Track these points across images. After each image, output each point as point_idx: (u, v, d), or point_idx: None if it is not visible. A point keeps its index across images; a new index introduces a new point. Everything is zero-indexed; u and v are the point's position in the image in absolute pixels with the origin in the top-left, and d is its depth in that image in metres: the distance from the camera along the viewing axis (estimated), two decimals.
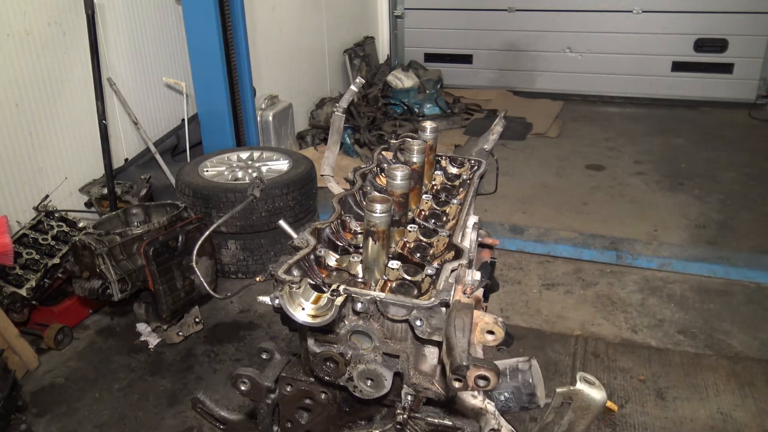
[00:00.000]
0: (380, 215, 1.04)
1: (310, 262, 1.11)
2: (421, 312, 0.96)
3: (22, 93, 3.18)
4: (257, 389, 1.17)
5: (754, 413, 2.51)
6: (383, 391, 1.02)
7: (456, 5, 6.98)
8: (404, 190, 1.16)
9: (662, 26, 6.43)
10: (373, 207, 1.03)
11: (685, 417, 2.51)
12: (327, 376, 1.05)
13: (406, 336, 0.99)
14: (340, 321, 1.02)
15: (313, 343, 1.05)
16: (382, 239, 1.06)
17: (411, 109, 6.22)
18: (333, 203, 1.28)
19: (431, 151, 1.42)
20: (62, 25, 3.36)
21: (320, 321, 0.96)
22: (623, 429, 2.46)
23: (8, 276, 2.88)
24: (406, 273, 1.09)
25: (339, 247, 1.21)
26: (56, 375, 2.84)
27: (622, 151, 5.45)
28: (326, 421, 1.14)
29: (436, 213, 1.32)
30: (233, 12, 3.99)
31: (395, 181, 1.14)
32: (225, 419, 1.27)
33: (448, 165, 1.54)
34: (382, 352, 1.02)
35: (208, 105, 4.11)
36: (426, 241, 1.20)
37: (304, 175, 3.57)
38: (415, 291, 1.05)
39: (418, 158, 1.31)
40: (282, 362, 1.21)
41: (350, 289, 0.99)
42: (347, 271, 1.12)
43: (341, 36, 6.33)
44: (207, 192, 3.37)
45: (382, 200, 1.04)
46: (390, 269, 1.08)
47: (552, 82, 6.98)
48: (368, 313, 1.00)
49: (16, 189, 3.20)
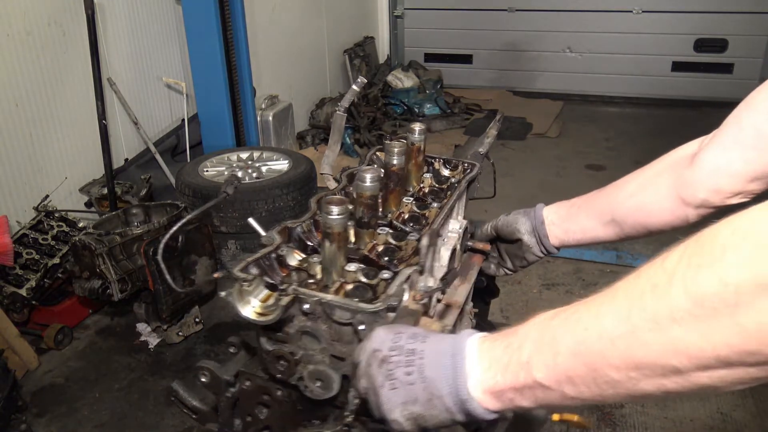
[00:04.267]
0: (336, 217, 1.02)
1: (271, 261, 1.10)
2: (364, 316, 0.94)
3: (22, 93, 3.18)
4: (217, 382, 1.19)
5: (754, 413, 2.51)
6: (332, 393, 1.02)
7: (456, 5, 6.97)
8: (373, 192, 1.14)
9: (662, 26, 6.43)
10: (329, 209, 1.01)
11: (685, 417, 2.51)
12: (279, 374, 1.05)
13: (353, 339, 0.98)
14: (290, 321, 1.02)
15: (266, 341, 1.05)
16: (338, 241, 1.04)
17: (411, 109, 6.22)
18: (310, 202, 1.27)
19: (419, 153, 1.40)
20: (62, 25, 3.36)
21: (265, 320, 0.98)
22: (623, 429, 2.46)
23: (8, 276, 2.88)
24: (366, 276, 1.07)
25: (309, 246, 1.21)
26: (56, 375, 2.84)
27: (622, 151, 5.45)
28: (283, 418, 1.14)
29: (415, 216, 1.29)
30: (233, 12, 3.99)
31: (364, 183, 1.12)
32: (197, 409, 1.28)
33: (442, 167, 1.52)
34: (330, 354, 1.01)
35: (208, 105, 4.11)
36: (396, 244, 1.18)
37: (304, 175, 3.57)
38: (370, 294, 1.04)
39: (397, 160, 1.28)
40: (244, 357, 1.21)
41: (299, 290, 0.99)
42: (307, 271, 1.11)
43: (341, 36, 6.33)
44: (207, 192, 3.37)
45: (339, 202, 1.02)
46: (347, 271, 1.06)
47: (552, 82, 6.98)
48: (315, 315, 0.99)
49: (16, 189, 3.20)
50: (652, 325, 0.60)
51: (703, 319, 0.56)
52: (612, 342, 0.64)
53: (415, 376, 0.77)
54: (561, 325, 0.71)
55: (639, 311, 0.62)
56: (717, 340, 0.56)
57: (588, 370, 0.66)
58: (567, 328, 0.70)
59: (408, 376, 0.78)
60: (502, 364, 0.73)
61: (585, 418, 0.88)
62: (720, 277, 0.55)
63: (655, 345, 0.60)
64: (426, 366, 0.77)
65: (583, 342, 0.67)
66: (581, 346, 0.67)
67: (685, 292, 0.58)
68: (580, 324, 0.68)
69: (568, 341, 0.68)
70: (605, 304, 0.67)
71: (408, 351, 0.80)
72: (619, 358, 0.63)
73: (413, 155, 1.40)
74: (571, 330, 0.69)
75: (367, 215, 1.16)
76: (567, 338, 0.69)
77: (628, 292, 0.65)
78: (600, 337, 0.65)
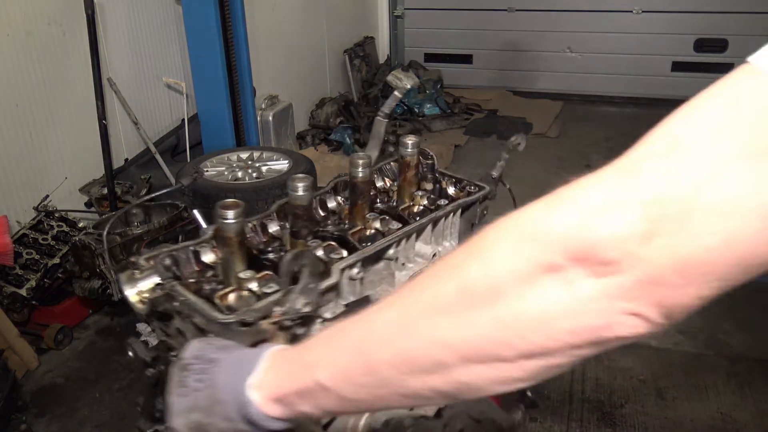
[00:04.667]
0: (230, 221, 1.00)
1: (188, 255, 1.10)
2: (215, 326, 0.94)
3: (22, 93, 3.18)
4: (139, 361, 1.22)
5: (754, 413, 2.51)
6: None
7: (456, 5, 6.97)
8: (303, 202, 1.12)
9: (662, 26, 6.42)
10: (222, 213, 1.00)
11: (685, 417, 2.51)
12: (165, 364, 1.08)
13: None
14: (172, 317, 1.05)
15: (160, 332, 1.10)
16: (231, 246, 1.03)
17: (411, 109, 6.22)
18: (272, 206, 1.26)
19: (409, 168, 1.34)
20: (62, 25, 3.36)
21: (141, 308, 1.05)
22: (623, 429, 2.46)
23: (8, 276, 2.88)
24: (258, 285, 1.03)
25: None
26: (56, 375, 2.84)
27: (622, 151, 5.39)
28: None
29: (372, 236, 1.22)
30: (233, 12, 3.99)
31: (295, 192, 1.10)
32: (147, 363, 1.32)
33: (450, 185, 1.44)
34: None
35: (208, 105, 4.11)
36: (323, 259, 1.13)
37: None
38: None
39: (362, 173, 1.24)
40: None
41: (175, 288, 1.00)
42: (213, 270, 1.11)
43: (341, 36, 6.32)
44: (207, 192, 3.37)
45: (233, 206, 1.01)
46: (239, 278, 1.04)
47: (552, 82, 6.98)
48: (183, 315, 1.00)
49: (16, 189, 3.20)
50: (423, 315, 0.58)
51: (467, 309, 0.55)
52: (388, 335, 0.61)
53: (205, 384, 0.74)
54: (352, 322, 0.67)
55: (415, 302, 0.60)
56: (477, 331, 0.55)
57: (365, 367, 0.63)
58: (355, 325, 0.66)
59: (198, 383, 0.75)
60: (288, 367, 0.70)
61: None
62: (485, 268, 0.55)
63: (424, 337, 0.58)
64: (218, 374, 0.74)
65: (364, 337, 0.64)
66: (361, 342, 0.64)
67: (455, 282, 0.57)
68: (367, 319, 0.65)
69: (352, 337, 0.65)
70: (395, 298, 0.64)
71: (208, 360, 0.76)
72: (390, 352, 0.61)
73: (404, 170, 1.35)
74: (357, 326, 0.66)
75: (298, 225, 1.15)
76: (351, 334, 0.66)
77: (415, 285, 0.62)
78: (378, 330, 0.63)
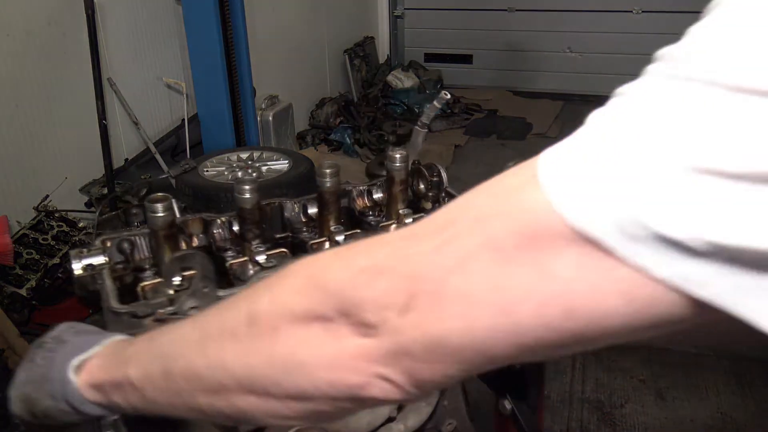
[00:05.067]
0: (159, 215, 1.04)
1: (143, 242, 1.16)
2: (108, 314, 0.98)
3: (22, 93, 3.18)
4: None
5: (754, 413, 2.51)
6: None
7: (456, 5, 6.97)
8: (248, 205, 1.14)
9: (662, 26, 6.42)
10: (152, 207, 1.03)
11: (685, 417, 2.51)
12: None
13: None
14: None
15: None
16: (162, 239, 1.07)
17: (411, 109, 6.21)
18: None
19: (395, 183, 1.32)
20: (62, 25, 3.36)
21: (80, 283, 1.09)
22: (623, 429, 2.46)
23: (8, 276, 2.88)
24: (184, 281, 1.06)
25: (227, 240, 1.25)
26: None
27: None
28: None
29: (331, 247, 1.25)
30: (233, 12, 3.99)
31: (241, 196, 1.12)
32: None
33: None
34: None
35: (208, 105, 4.11)
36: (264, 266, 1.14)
37: (305, 175, 3.56)
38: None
39: (329, 182, 1.26)
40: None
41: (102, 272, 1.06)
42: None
43: (341, 36, 6.32)
44: (207, 192, 3.36)
45: (163, 199, 1.04)
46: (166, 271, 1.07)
47: (552, 82, 6.98)
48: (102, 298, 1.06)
49: (16, 189, 3.20)
50: (216, 336, 0.59)
51: (250, 339, 0.55)
52: (187, 348, 0.62)
53: (47, 360, 0.74)
54: (174, 326, 0.68)
55: (215, 320, 0.60)
56: (254, 362, 0.55)
57: (163, 373, 0.63)
58: (170, 329, 0.67)
59: (42, 360, 0.75)
60: (112, 357, 0.71)
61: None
62: (271, 303, 0.54)
63: (212, 357, 0.58)
64: (59, 353, 0.74)
65: (170, 343, 0.65)
66: (166, 347, 0.65)
67: (246, 310, 0.57)
68: (179, 327, 0.66)
69: (162, 340, 0.66)
70: (206, 312, 0.64)
71: (60, 340, 0.76)
72: (184, 365, 0.61)
73: (391, 185, 1.33)
74: (171, 330, 0.67)
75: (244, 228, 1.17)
76: (163, 338, 0.67)
77: (225, 304, 0.62)
78: (180, 341, 0.64)
